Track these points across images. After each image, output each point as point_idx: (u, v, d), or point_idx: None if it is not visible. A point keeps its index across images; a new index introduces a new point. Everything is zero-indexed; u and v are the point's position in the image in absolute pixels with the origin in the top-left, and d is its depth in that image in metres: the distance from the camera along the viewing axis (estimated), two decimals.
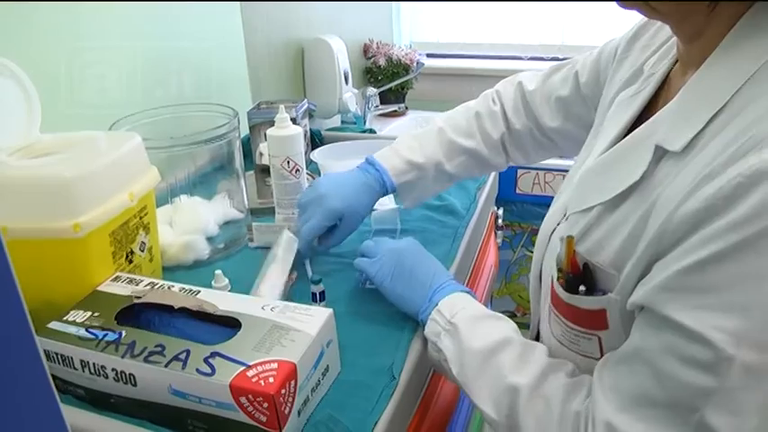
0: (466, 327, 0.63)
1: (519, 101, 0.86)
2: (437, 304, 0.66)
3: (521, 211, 1.71)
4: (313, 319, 0.59)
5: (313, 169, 1.20)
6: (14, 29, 0.81)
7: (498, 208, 1.32)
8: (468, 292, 0.68)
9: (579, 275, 0.55)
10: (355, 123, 1.72)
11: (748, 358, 0.41)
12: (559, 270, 0.57)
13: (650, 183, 0.50)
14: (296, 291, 0.80)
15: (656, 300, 0.46)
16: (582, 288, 0.55)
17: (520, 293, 1.79)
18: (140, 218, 0.73)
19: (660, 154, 0.50)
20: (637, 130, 0.54)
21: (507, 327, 0.63)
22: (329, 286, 0.77)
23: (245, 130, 1.16)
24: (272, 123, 0.91)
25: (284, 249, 0.81)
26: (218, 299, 0.63)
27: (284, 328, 0.58)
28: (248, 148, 1.19)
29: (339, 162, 1.19)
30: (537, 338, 0.69)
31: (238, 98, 1.31)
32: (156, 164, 0.76)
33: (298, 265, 0.82)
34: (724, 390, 0.42)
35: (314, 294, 0.75)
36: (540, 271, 0.66)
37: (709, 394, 0.43)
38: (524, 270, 1.80)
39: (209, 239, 0.90)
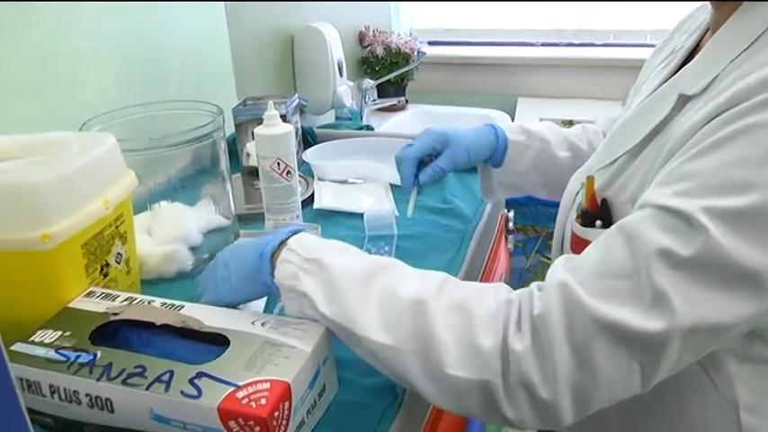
0: (332, 257, 0.58)
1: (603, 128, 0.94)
2: (285, 243, 0.60)
3: (534, 213, 1.71)
4: (308, 335, 0.59)
5: (305, 171, 1.21)
6: None
7: (509, 210, 1.33)
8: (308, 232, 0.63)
9: (596, 212, 0.62)
10: (351, 119, 1.73)
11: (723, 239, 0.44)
12: (579, 213, 0.64)
13: (671, 126, 0.57)
14: None
15: (648, 195, 0.50)
16: (598, 222, 0.61)
17: None
18: (116, 227, 0.73)
19: (683, 101, 0.57)
20: (663, 84, 0.62)
21: (374, 256, 0.59)
22: None
23: (230, 129, 1.17)
24: (259, 121, 0.91)
25: None
26: (204, 314, 0.63)
27: (277, 345, 0.58)
28: (234, 149, 1.19)
29: (334, 163, 1.19)
30: None
31: (223, 94, 1.32)
32: (132, 167, 0.76)
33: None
34: (691, 262, 0.45)
35: None
36: (563, 236, 0.70)
37: (676, 263, 0.45)
38: (539, 278, 1.77)
39: (193, 249, 0.90)
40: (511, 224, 1.34)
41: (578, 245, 0.63)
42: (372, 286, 0.55)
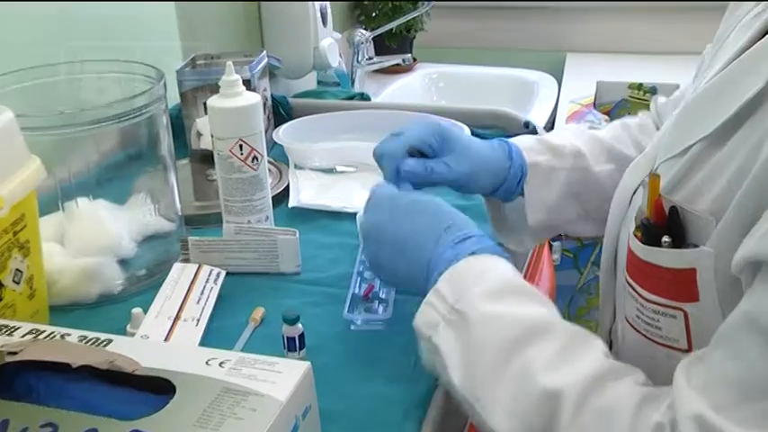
0: (478, 312, 0.62)
1: (655, 117, 0.95)
2: (435, 282, 0.66)
3: None
4: (282, 378, 0.59)
5: (277, 156, 1.21)
6: None
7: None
8: (493, 251, 0.68)
9: (663, 224, 0.60)
10: (339, 85, 1.73)
11: None
12: (638, 225, 0.62)
13: (766, 107, 0.55)
14: (259, 334, 0.80)
15: None
16: (666, 239, 0.59)
17: None
18: (14, 234, 0.72)
19: None
20: (754, 46, 0.60)
21: (544, 308, 0.64)
22: (309, 327, 0.77)
23: (174, 100, 1.17)
24: (215, 89, 0.91)
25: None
26: (140, 351, 0.62)
27: (240, 392, 0.58)
28: (180, 127, 1.19)
29: (317, 145, 1.19)
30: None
31: (162, 51, 1.31)
32: (38, 152, 0.76)
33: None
34: None
35: (287, 340, 0.75)
36: (617, 250, 0.69)
37: None
38: (597, 301, 1.77)
39: (123, 263, 0.90)
40: None
41: (640, 270, 0.63)
42: (513, 362, 0.59)
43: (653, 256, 0.60)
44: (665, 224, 0.60)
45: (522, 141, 0.88)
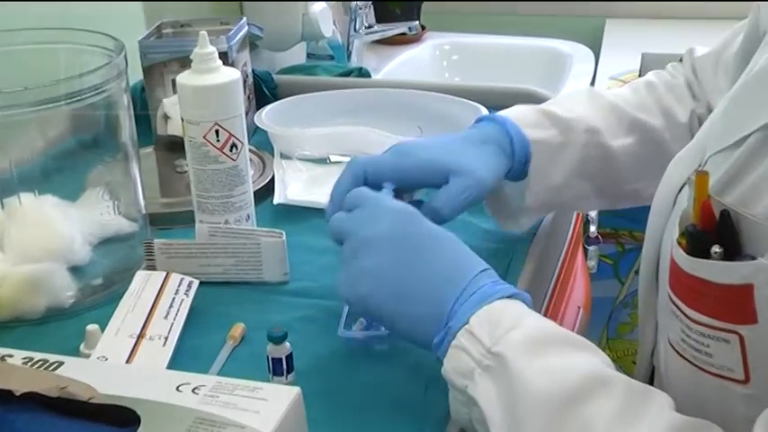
0: (520, 357, 0.63)
1: (690, 74, 0.96)
2: (466, 322, 0.66)
3: (633, 208, 1.71)
4: (267, 406, 0.59)
5: (260, 143, 1.21)
6: None
7: None
8: (519, 297, 0.70)
9: (713, 231, 0.58)
10: (333, 59, 1.73)
11: None
12: (683, 231, 0.61)
13: None
14: (239, 355, 0.80)
15: None
16: (716, 249, 0.58)
17: (635, 359, 1.79)
18: None
19: None
20: None
21: (593, 357, 0.64)
22: (298, 346, 0.77)
23: (136, 76, 1.17)
24: (186, 63, 0.91)
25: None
26: (96, 375, 0.62)
27: (217, 424, 0.58)
28: (144, 108, 1.19)
29: (307, 130, 1.19)
30: (651, 380, 0.71)
31: (122, 18, 1.32)
32: None
33: None
34: None
35: (273, 362, 0.75)
36: (659, 258, 0.69)
37: None
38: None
39: (76, 271, 0.90)
40: (593, 227, 1.34)
41: (685, 286, 0.62)
42: (569, 421, 0.59)
43: (700, 269, 0.59)
44: (715, 231, 0.59)
45: (520, 116, 0.89)
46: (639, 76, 1.99)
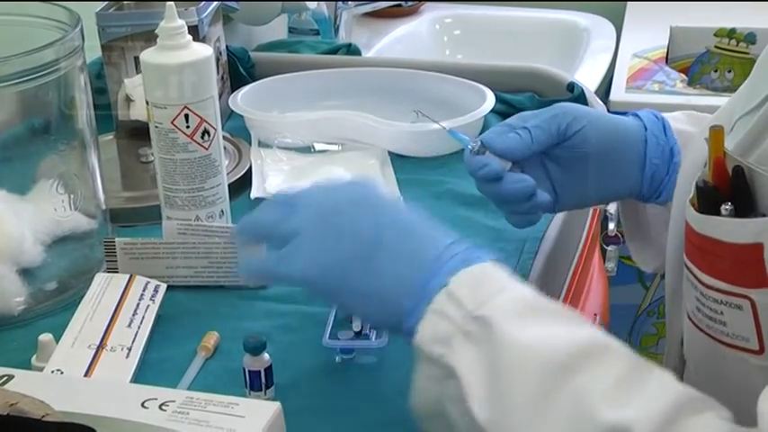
0: (508, 322, 0.62)
1: None
2: (446, 284, 0.66)
3: None
4: (244, 424, 0.59)
5: (235, 129, 1.21)
6: None
7: (608, 202, 1.33)
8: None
9: (725, 189, 0.61)
10: (318, 34, 1.73)
11: None
12: (697, 189, 0.63)
13: None
14: (212, 368, 0.81)
15: None
16: (726, 206, 0.60)
17: None
18: None
19: None
20: None
21: (592, 328, 0.65)
22: (278, 358, 0.78)
23: (94, 53, 1.17)
24: (150, 39, 0.92)
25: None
26: (51, 390, 0.63)
27: None
28: (102, 90, 1.19)
29: (288, 114, 1.20)
30: (682, 368, 0.72)
31: None
32: None
33: None
34: None
35: (250, 375, 0.76)
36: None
37: None
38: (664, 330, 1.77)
39: (26, 274, 0.90)
40: (612, 225, 1.34)
41: (697, 248, 0.64)
42: (562, 392, 0.59)
43: (710, 227, 0.61)
44: (728, 189, 0.62)
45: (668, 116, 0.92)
46: (667, 53, 1.99)
